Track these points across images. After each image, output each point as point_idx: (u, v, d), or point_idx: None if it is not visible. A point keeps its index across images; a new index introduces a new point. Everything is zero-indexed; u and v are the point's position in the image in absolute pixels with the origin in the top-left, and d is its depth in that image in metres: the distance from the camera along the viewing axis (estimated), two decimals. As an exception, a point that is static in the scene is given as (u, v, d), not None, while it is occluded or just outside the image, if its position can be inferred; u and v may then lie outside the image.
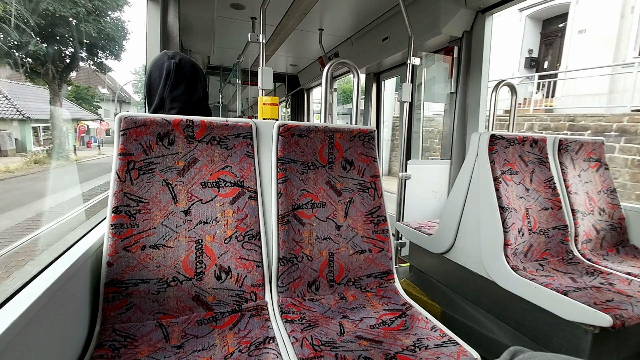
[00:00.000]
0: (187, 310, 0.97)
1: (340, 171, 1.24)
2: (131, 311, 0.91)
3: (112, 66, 16.83)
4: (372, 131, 1.30)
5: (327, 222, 1.18)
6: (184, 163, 1.03)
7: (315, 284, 1.14)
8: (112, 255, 0.91)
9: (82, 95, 16.24)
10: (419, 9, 2.50)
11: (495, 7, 2.15)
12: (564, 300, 1.14)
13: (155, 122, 0.99)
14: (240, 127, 1.11)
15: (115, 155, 0.96)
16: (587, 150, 1.79)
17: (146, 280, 0.93)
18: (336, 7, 2.87)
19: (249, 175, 1.10)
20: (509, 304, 1.38)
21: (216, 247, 1.02)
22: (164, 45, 1.94)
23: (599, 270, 1.41)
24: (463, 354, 0.85)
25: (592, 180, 1.77)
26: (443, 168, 2.54)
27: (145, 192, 0.97)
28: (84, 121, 14.15)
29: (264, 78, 1.79)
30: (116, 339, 0.85)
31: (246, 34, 2.26)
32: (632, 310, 1.08)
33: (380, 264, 1.23)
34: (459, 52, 2.41)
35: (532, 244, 1.47)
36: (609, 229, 1.71)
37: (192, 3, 2.60)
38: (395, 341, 0.92)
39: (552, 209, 1.56)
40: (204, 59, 4.40)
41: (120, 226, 0.93)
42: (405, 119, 2.31)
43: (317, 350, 0.85)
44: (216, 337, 0.91)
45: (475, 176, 1.55)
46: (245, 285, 1.03)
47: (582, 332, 1.13)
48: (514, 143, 1.56)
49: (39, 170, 7.31)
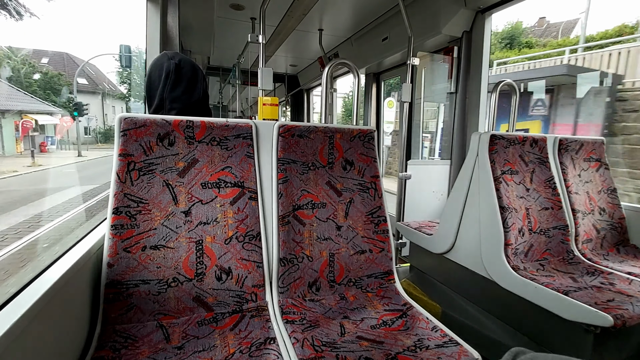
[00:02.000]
0: (187, 311, 0.97)
1: (340, 171, 1.24)
2: (132, 312, 0.91)
3: (97, 52, 13.58)
4: (372, 131, 1.30)
5: (327, 222, 1.18)
6: (184, 164, 1.03)
7: (316, 284, 1.13)
8: (113, 256, 0.91)
9: (52, 84, 14.03)
10: (418, 9, 2.50)
11: (495, 7, 2.15)
12: (565, 300, 1.14)
13: (155, 122, 0.99)
14: (240, 127, 1.11)
15: (116, 156, 0.96)
16: (588, 149, 1.79)
17: (147, 281, 0.93)
18: (336, 7, 2.87)
19: (249, 176, 1.10)
20: (509, 304, 1.38)
21: (217, 248, 1.02)
22: (163, 46, 1.93)
23: (600, 270, 1.41)
24: (464, 354, 0.84)
25: (593, 179, 1.77)
26: (443, 168, 2.54)
27: (146, 192, 0.97)
28: (34, 115, 10.39)
29: (263, 78, 1.79)
30: (117, 340, 0.85)
31: (246, 34, 2.26)
32: (632, 310, 1.07)
33: (380, 264, 1.23)
34: (458, 52, 2.42)
35: (532, 243, 1.47)
36: (609, 229, 1.71)
37: (191, 4, 2.60)
38: (396, 341, 0.91)
39: (552, 209, 1.56)
40: (204, 59, 4.40)
41: (121, 227, 0.93)
42: (405, 119, 2.31)
43: (318, 351, 0.85)
44: (217, 337, 0.91)
45: (476, 176, 1.55)
46: (246, 286, 1.03)
47: (583, 332, 1.13)
48: (514, 143, 1.56)
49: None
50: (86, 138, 13.35)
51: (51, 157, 10.67)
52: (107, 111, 23.88)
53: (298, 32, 3.39)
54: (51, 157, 10.45)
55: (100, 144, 20.40)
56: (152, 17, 1.89)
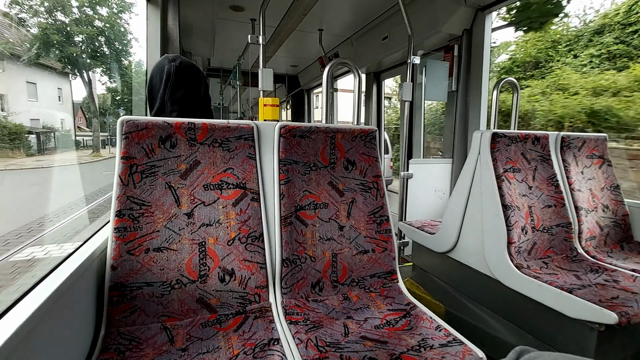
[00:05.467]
0: (191, 312, 0.97)
1: (342, 171, 1.24)
2: (136, 314, 0.91)
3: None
4: (374, 131, 1.30)
5: (329, 222, 1.18)
6: (187, 166, 1.03)
7: (319, 284, 1.14)
8: (116, 259, 0.91)
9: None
10: (418, 7, 2.50)
11: (495, 4, 2.14)
12: (569, 298, 1.14)
13: (157, 125, 1.00)
14: (241, 128, 1.11)
15: (118, 159, 0.96)
16: (590, 146, 1.78)
17: (150, 283, 0.94)
18: (335, 7, 2.87)
19: (251, 177, 1.10)
20: (513, 302, 1.38)
21: (219, 249, 1.02)
22: (164, 48, 1.94)
23: (604, 268, 1.40)
24: (468, 354, 0.84)
25: (596, 176, 1.76)
26: (445, 167, 2.53)
27: (148, 195, 0.97)
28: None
29: (264, 79, 1.79)
30: (121, 342, 0.85)
31: (246, 35, 2.26)
32: (637, 307, 1.07)
33: (383, 264, 1.22)
34: (459, 51, 2.41)
35: (535, 241, 1.46)
36: (612, 226, 1.70)
37: (191, 5, 2.61)
38: (400, 341, 0.91)
39: (555, 207, 1.55)
40: (204, 61, 4.41)
41: (124, 229, 0.93)
42: (405, 118, 2.31)
43: (321, 352, 0.85)
44: (221, 339, 0.91)
45: (478, 174, 1.54)
46: (249, 287, 1.04)
47: (588, 330, 1.12)
48: (516, 141, 1.55)
49: None
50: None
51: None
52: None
53: (298, 32, 3.40)
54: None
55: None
56: (152, 20, 1.90)
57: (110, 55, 14.20)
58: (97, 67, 14.08)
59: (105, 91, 17.07)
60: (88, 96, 14.91)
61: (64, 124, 13.87)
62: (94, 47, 13.81)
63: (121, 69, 15.00)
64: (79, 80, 14.25)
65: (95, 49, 13.87)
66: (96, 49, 13.89)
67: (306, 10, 2.82)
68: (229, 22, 3.25)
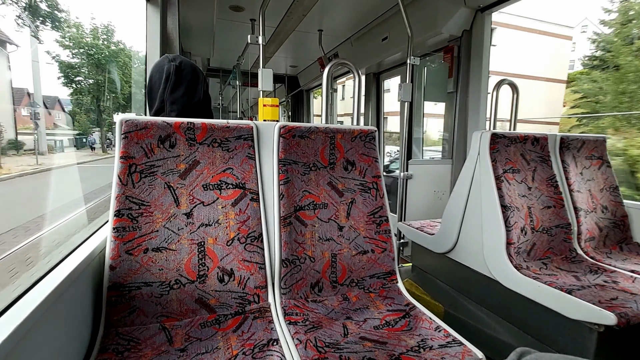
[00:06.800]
0: (190, 313, 0.97)
1: (341, 172, 1.24)
2: (134, 314, 0.91)
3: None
4: (373, 131, 1.30)
5: (329, 223, 1.18)
6: (186, 165, 1.03)
7: (318, 285, 1.13)
8: (115, 259, 0.91)
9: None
10: (418, 8, 2.50)
11: (495, 5, 2.15)
12: (568, 299, 1.14)
13: (156, 125, 0.99)
14: (241, 128, 1.11)
15: (117, 159, 0.96)
16: (589, 147, 1.78)
17: (149, 283, 0.93)
18: (335, 7, 2.87)
19: (251, 177, 1.10)
20: (512, 303, 1.38)
21: (218, 250, 1.02)
22: (163, 48, 1.94)
23: (603, 268, 1.41)
24: (468, 354, 0.84)
25: (595, 177, 1.76)
26: (444, 167, 2.53)
27: (147, 195, 0.97)
28: None
29: (264, 79, 1.79)
30: (120, 342, 0.85)
31: (246, 35, 2.26)
32: (636, 308, 1.07)
33: (383, 265, 1.22)
34: (458, 51, 2.41)
35: (534, 242, 1.46)
36: (612, 227, 1.70)
37: (191, 5, 2.61)
38: (400, 342, 0.91)
39: (554, 207, 1.55)
40: (204, 61, 4.41)
41: (123, 229, 0.93)
42: (405, 118, 2.31)
43: (321, 352, 0.85)
44: (220, 339, 0.91)
45: (477, 175, 1.54)
46: (248, 287, 1.03)
47: (587, 331, 1.12)
48: (515, 141, 1.55)
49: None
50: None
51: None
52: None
53: (298, 32, 3.40)
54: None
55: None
56: (152, 20, 1.90)
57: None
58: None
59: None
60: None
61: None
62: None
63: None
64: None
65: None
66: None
67: (306, 11, 2.82)
68: (228, 22, 3.25)
